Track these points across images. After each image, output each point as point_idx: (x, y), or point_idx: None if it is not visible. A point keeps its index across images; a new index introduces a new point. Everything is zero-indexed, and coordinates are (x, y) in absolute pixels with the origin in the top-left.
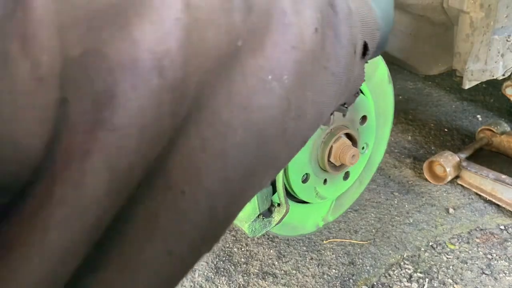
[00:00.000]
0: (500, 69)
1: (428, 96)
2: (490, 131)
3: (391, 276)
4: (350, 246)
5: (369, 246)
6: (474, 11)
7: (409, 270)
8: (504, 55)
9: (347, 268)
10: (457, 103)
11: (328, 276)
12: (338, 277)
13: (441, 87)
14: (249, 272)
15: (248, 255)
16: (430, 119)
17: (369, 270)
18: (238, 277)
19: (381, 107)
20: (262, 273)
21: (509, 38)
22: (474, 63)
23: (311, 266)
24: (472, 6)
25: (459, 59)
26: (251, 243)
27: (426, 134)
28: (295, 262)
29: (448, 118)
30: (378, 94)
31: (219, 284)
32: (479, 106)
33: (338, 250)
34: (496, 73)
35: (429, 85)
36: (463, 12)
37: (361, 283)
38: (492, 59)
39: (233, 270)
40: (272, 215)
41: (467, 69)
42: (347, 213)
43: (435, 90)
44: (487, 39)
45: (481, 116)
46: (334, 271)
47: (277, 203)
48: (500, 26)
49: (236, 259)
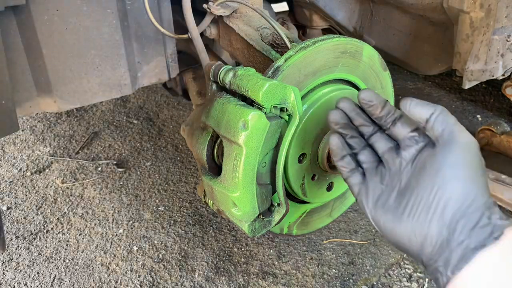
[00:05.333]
0: (500, 69)
1: (428, 96)
2: (490, 131)
3: (391, 276)
4: (350, 246)
5: (369, 246)
6: (474, 11)
7: (409, 270)
8: (504, 55)
9: (347, 268)
10: (457, 103)
11: (328, 276)
12: (338, 277)
13: (441, 87)
14: (249, 272)
15: (248, 255)
16: None
17: (369, 270)
18: (238, 277)
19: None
20: (262, 273)
21: (509, 38)
22: (474, 63)
23: (311, 266)
24: (472, 6)
25: (459, 59)
26: (251, 243)
27: None
28: (295, 262)
29: None
30: (372, 82)
31: (219, 284)
32: (479, 106)
33: (338, 250)
34: (496, 73)
35: (429, 85)
36: (463, 12)
37: (361, 283)
38: (492, 59)
39: (233, 270)
40: (272, 215)
41: (467, 69)
42: (347, 213)
43: (435, 90)
44: (487, 39)
45: (481, 116)
46: (334, 271)
47: (277, 203)
48: (500, 26)
49: (236, 259)
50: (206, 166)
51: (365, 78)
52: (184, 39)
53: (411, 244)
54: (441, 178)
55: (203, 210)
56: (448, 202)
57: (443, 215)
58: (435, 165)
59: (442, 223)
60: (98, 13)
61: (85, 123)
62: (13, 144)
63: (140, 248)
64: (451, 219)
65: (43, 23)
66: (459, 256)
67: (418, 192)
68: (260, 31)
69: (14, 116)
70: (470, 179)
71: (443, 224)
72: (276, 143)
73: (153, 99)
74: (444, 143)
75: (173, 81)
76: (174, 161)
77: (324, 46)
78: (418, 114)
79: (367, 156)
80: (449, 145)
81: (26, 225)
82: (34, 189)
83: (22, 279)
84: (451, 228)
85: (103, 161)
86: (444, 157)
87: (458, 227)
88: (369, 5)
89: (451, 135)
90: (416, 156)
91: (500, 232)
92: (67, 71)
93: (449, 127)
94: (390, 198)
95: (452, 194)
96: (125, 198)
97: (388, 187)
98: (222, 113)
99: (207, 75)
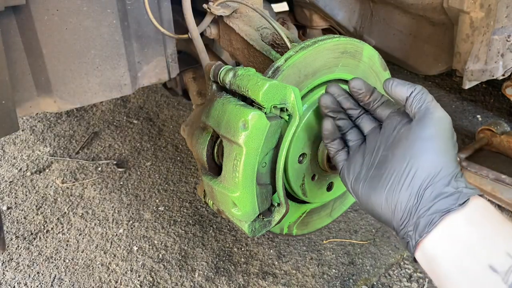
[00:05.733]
0: (500, 69)
1: None
2: (490, 131)
3: (391, 276)
4: (350, 246)
5: (369, 246)
6: (474, 11)
7: (409, 270)
8: (504, 55)
9: (347, 268)
10: (457, 103)
11: (328, 276)
12: (338, 277)
13: (441, 87)
14: (249, 272)
15: (248, 255)
16: None
17: (369, 270)
18: (238, 277)
19: None
20: (262, 273)
21: (509, 38)
22: (474, 63)
23: (311, 266)
24: (472, 6)
25: (459, 59)
26: (251, 243)
27: None
28: (295, 262)
29: None
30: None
31: (219, 284)
32: (479, 106)
33: (338, 250)
34: (496, 73)
35: (429, 85)
36: (463, 12)
37: (361, 283)
38: (492, 59)
39: (233, 270)
40: (272, 215)
41: (467, 69)
42: (347, 213)
43: (435, 90)
44: (487, 39)
45: (481, 116)
46: (334, 271)
47: (277, 203)
48: (500, 26)
49: (236, 259)
50: (206, 166)
51: (365, 78)
52: (184, 39)
53: (384, 211)
54: (413, 150)
55: (203, 210)
56: (418, 172)
57: (412, 183)
58: (409, 138)
59: (411, 191)
60: (98, 13)
61: (85, 123)
62: (13, 144)
63: (140, 248)
64: (420, 187)
65: (43, 23)
66: (426, 221)
67: (392, 164)
68: (260, 31)
69: (14, 116)
70: (440, 151)
71: (412, 192)
72: (276, 143)
73: (153, 99)
74: (419, 118)
75: (173, 81)
76: (174, 161)
77: (324, 46)
78: (399, 93)
79: (353, 135)
80: (423, 120)
81: (26, 225)
82: (34, 189)
83: (22, 279)
84: (419, 195)
85: (103, 161)
86: (418, 130)
87: (426, 194)
88: (369, 5)
89: (426, 111)
90: (393, 131)
91: (465, 199)
92: (67, 71)
93: (425, 104)
94: (369, 171)
95: (422, 164)
96: (125, 198)
97: (367, 161)
98: (222, 113)
99: (207, 75)
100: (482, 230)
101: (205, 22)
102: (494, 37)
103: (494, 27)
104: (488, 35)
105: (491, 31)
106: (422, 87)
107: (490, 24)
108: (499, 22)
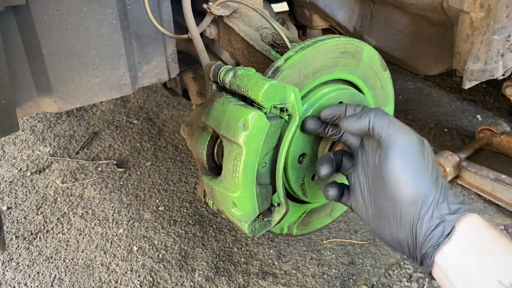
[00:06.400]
0: (500, 69)
1: (428, 96)
2: (490, 131)
3: (391, 276)
4: (350, 246)
5: (369, 246)
6: (474, 11)
7: (409, 270)
8: (504, 55)
9: (347, 268)
10: (457, 103)
11: (328, 276)
12: (338, 277)
13: (441, 87)
14: (249, 272)
15: (248, 255)
16: (430, 119)
17: (369, 270)
18: (238, 277)
19: (380, 98)
20: (262, 273)
21: (509, 38)
22: (474, 63)
23: (311, 266)
24: (472, 6)
25: (459, 59)
26: (251, 243)
27: (426, 134)
28: (295, 262)
29: (448, 118)
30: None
31: (219, 284)
32: (479, 106)
33: (338, 250)
34: (496, 73)
35: (429, 85)
36: (463, 12)
37: (361, 283)
38: (492, 59)
39: (233, 270)
40: (272, 215)
41: (467, 69)
42: (347, 213)
43: (435, 90)
44: (487, 39)
45: (481, 116)
46: (334, 271)
47: (277, 203)
48: (500, 26)
49: (236, 259)
50: (206, 166)
51: (365, 78)
52: (184, 39)
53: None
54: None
55: (203, 210)
56: (403, 208)
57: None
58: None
59: (406, 230)
60: (98, 13)
61: (85, 123)
62: (13, 144)
63: (140, 248)
64: (412, 225)
65: (43, 23)
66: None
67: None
68: (260, 31)
69: (14, 116)
70: (414, 179)
71: (406, 231)
72: (276, 143)
73: (153, 99)
74: (385, 150)
75: (173, 81)
76: (174, 161)
77: (324, 46)
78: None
79: (346, 162)
80: (388, 153)
81: (26, 225)
82: (34, 189)
83: (22, 279)
84: (413, 233)
85: (103, 161)
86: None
87: (418, 232)
88: (369, 5)
89: (388, 140)
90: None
91: (450, 228)
92: (67, 71)
93: (385, 131)
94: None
95: (403, 200)
96: (125, 198)
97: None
98: (222, 113)
99: (207, 75)
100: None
101: (205, 22)
102: (494, 37)
103: (494, 27)
104: (488, 35)
105: (491, 31)
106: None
107: (490, 24)
108: (499, 22)
